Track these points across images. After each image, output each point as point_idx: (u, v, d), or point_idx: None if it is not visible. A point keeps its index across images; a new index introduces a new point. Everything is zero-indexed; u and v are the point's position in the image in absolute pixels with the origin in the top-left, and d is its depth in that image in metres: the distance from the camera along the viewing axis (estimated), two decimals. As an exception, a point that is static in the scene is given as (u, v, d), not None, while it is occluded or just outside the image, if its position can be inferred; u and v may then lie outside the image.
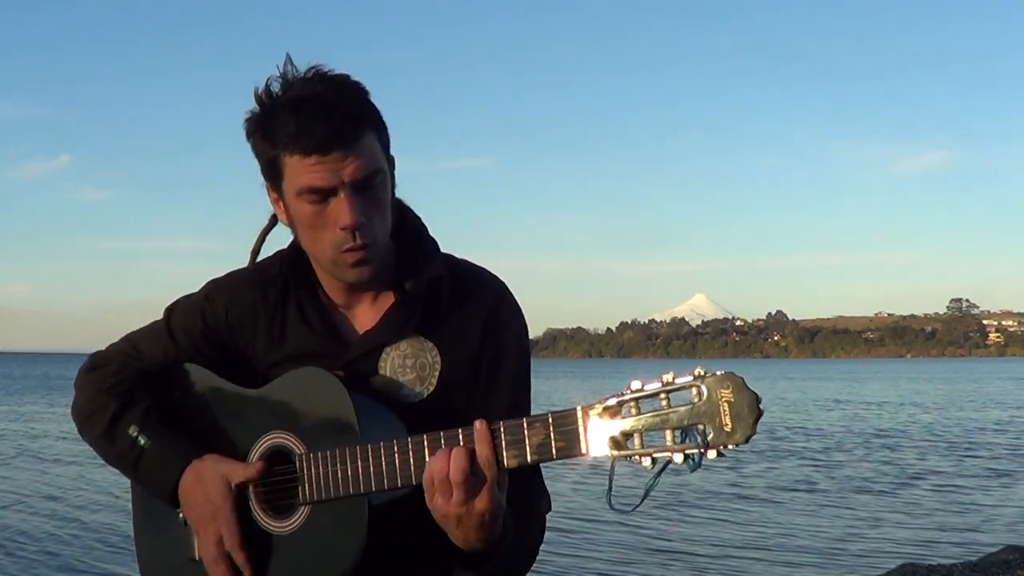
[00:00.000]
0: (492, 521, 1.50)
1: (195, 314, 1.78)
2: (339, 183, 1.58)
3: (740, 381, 1.34)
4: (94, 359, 1.83)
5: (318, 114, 1.56)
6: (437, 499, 1.49)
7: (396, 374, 1.69)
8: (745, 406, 1.33)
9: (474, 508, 1.48)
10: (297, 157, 1.58)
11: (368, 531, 1.57)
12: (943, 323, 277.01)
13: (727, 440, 1.33)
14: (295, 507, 1.65)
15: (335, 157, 1.57)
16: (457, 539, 1.53)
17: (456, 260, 1.78)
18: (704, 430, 1.34)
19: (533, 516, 1.70)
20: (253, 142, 1.66)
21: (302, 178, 1.59)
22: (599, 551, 9.08)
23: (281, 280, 1.75)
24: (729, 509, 11.61)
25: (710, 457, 1.34)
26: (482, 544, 1.53)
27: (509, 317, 1.75)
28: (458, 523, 1.50)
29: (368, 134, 1.60)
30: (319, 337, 1.71)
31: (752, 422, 1.33)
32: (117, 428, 1.73)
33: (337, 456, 1.59)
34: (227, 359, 1.77)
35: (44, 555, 9.02)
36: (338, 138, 1.56)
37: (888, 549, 9.23)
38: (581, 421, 1.42)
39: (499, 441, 1.48)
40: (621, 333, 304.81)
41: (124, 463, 1.75)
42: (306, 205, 1.61)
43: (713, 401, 1.35)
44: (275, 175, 1.64)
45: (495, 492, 1.49)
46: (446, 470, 1.48)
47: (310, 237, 1.65)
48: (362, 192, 1.60)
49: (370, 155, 1.60)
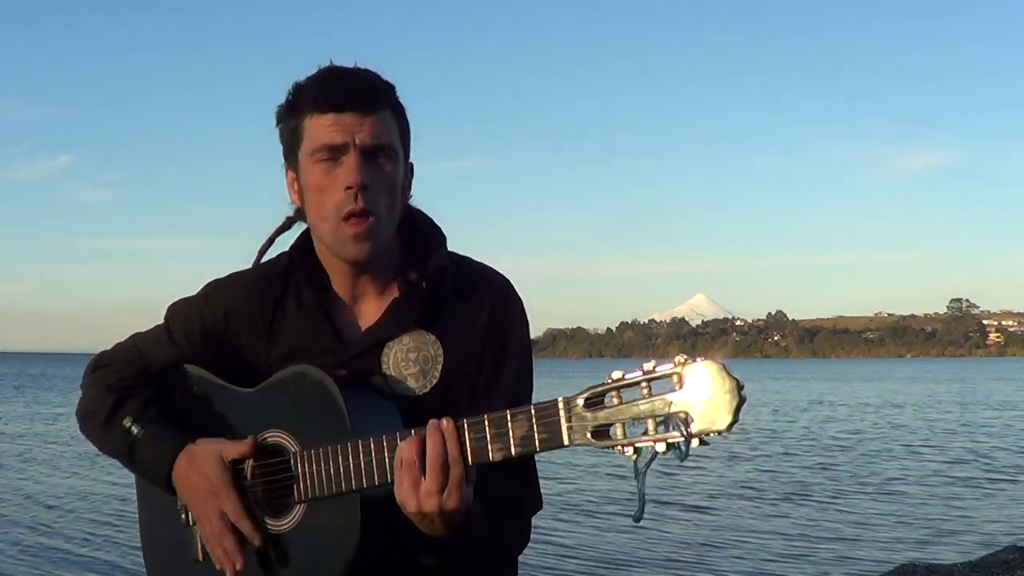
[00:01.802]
0: (458, 516, 1.51)
1: (193, 317, 1.81)
2: (350, 142, 1.64)
3: (722, 367, 1.32)
4: (99, 359, 1.86)
5: (340, 80, 1.68)
6: (404, 485, 1.50)
7: (399, 368, 1.71)
8: (726, 392, 1.31)
9: (446, 506, 1.49)
10: (316, 116, 1.66)
11: (362, 528, 1.58)
12: (943, 323, 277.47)
13: (709, 427, 1.31)
14: (291, 506, 1.66)
15: (350, 118, 1.64)
16: (425, 529, 1.54)
17: (461, 256, 1.81)
18: (686, 418, 1.33)
19: (514, 510, 1.70)
20: (280, 122, 1.73)
21: (317, 136, 1.66)
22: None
23: (284, 276, 1.78)
24: (730, 508, 11.62)
25: (694, 446, 1.32)
26: (447, 532, 1.53)
27: (513, 313, 1.78)
28: (424, 517, 1.51)
29: (386, 112, 1.68)
30: (321, 332, 1.73)
31: (734, 408, 1.31)
32: (114, 420, 1.77)
33: (328, 453, 1.60)
34: (227, 360, 1.80)
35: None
36: (355, 99, 1.65)
37: (888, 549, 9.23)
38: (563, 412, 1.41)
39: (479, 435, 1.48)
40: (621, 333, 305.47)
41: (120, 454, 1.79)
42: (317, 166, 1.66)
43: (694, 388, 1.33)
44: (295, 144, 1.70)
45: (464, 490, 1.49)
46: (412, 454, 1.49)
47: (317, 203, 1.68)
48: (371, 160, 1.65)
49: (384, 128, 1.67)
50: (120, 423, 1.76)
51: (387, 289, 1.75)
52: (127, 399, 1.78)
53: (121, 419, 1.76)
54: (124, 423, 1.76)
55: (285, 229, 1.83)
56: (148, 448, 1.74)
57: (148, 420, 1.75)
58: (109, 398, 1.78)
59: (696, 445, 1.33)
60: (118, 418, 1.76)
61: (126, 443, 1.76)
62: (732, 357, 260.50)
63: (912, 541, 9.71)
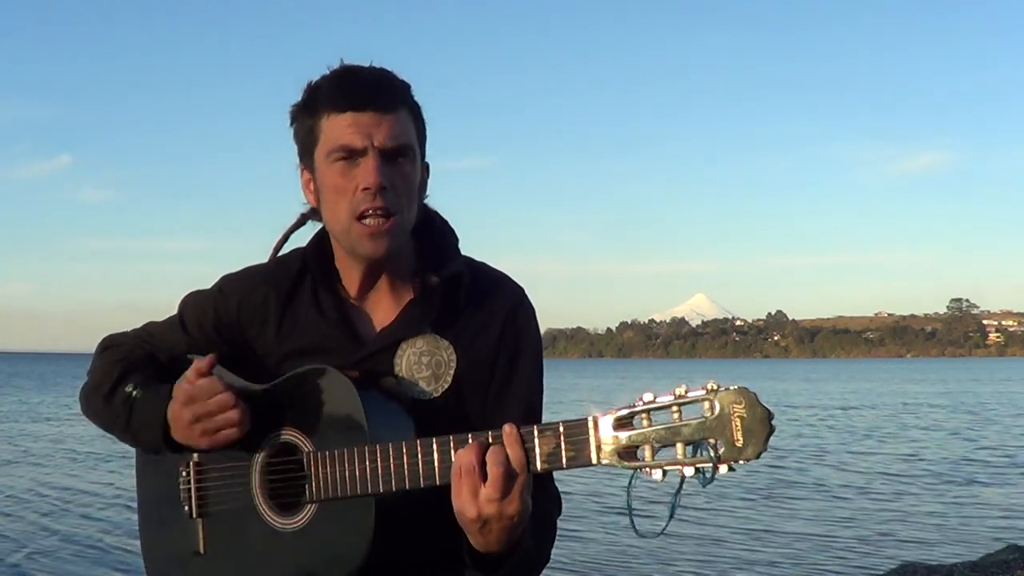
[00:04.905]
0: (519, 525, 1.49)
1: (208, 307, 1.80)
2: (369, 144, 1.62)
3: (753, 397, 1.34)
4: (108, 339, 1.86)
5: (358, 79, 1.66)
6: (464, 493, 1.47)
7: (411, 371, 1.70)
8: (757, 422, 1.34)
9: (505, 510, 1.46)
10: (333, 115, 1.64)
11: (375, 532, 1.56)
12: (943, 323, 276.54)
13: (738, 455, 1.34)
14: (301, 505, 1.65)
15: (368, 118, 1.62)
16: (476, 541, 1.51)
17: (477, 262, 1.80)
18: (715, 444, 1.35)
19: (547, 521, 1.69)
20: (296, 122, 1.71)
21: (335, 136, 1.64)
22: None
23: (298, 272, 1.77)
24: (730, 509, 11.61)
25: (721, 472, 1.35)
26: (500, 547, 1.51)
27: (526, 322, 1.77)
28: (483, 525, 1.48)
29: (403, 111, 1.67)
30: (333, 331, 1.73)
31: (764, 438, 1.33)
32: (116, 391, 1.76)
33: (345, 456, 1.59)
34: (238, 353, 1.78)
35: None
36: (373, 99, 1.63)
37: (888, 549, 9.24)
38: (592, 431, 1.42)
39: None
40: (621, 333, 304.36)
41: (120, 420, 1.75)
42: (334, 167, 1.65)
43: (725, 416, 1.35)
44: (311, 144, 1.68)
45: (526, 496, 1.47)
46: (472, 460, 1.45)
47: (333, 203, 1.66)
48: (390, 161, 1.64)
49: (402, 128, 1.65)
50: (122, 390, 1.75)
51: (401, 291, 1.74)
52: (131, 372, 1.77)
53: (123, 387, 1.75)
54: (126, 390, 1.75)
55: (299, 226, 1.82)
56: (144, 404, 1.72)
57: (149, 384, 1.74)
58: (114, 371, 1.77)
59: (724, 472, 1.35)
60: (120, 387, 1.75)
61: (126, 407, 1.74)
62: (732, 357, 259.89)
63: (912, 541, 9.70)
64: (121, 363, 1.78)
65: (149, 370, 1.78)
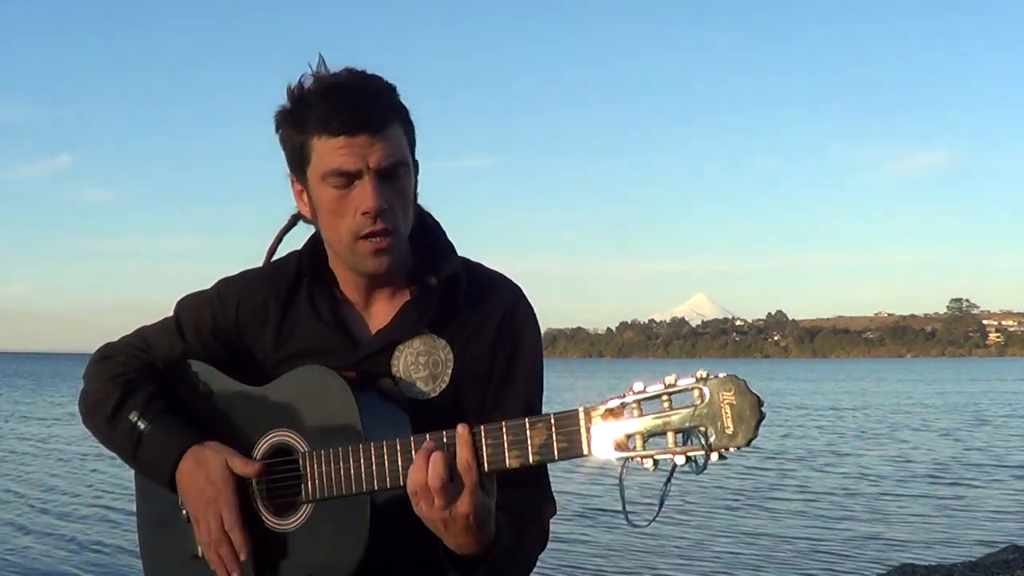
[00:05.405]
0: (479, 524, 1.50)
1: (204, 311, 1.80)
2: (364, 168, 1.60)
3: (742, 384, 1.34)
4: (103, 350, 1.85)
5: (347, 99, 1.61)
6: (421, 506, 1.50)
7: (409, 371, 1.70)
8: (747, 408, 1.33)
9: (456, 512, 1.48)
10: (325, 139, 1.61)
11: (370, 530, 1.57)
12: (943, 323, 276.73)
13: (729, 443, 1.33)
14: (297, 505, 1.65)
15: (362, 140, 1.60)
16: (448, 542, 1.53)
17: (473, 263, 1.80)
18: (706, 432, 1.34)
19: (535, 520, 1.70)
20: (282, 132, 1.69)
21: (328, 160, 1.61)
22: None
23: (295, 276, 1.76)
24: (730, 509, 11.61)
25: (713, 460, 1.34)
26: (474, 547, 1.52)
27: (524, 320, 1.77)
28: (445, 527, 1.50)
29: (395, 125, 1.64)
30: (331, 333, 1.72)
31: (754, 425, 1.32)
32: (119, 415, 1.75)
33: (339, 455, 1.60)
34: (235, 356, 1.79)
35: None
36: (366, 122, 1.60)
37: (888, 549, 9.25)
38: (583, 422, 1.42)
39: (496, 442, 1.47)
40: (621, 333, 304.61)
41: (125, 450, 1.76)
42: (330, 190, 1.63)
43: (715, 403, 1.35)
44: (302, 161, 1.66)
45: (477, 496, 1.48)
46: (424, 478, 1.48)
47: (331, 224, 1.66)
48: (386, 180, 1.62)
49: (396, 145, 1.63)
50: (126, 418, 1.74)
51: (398, 292, 1.74)
52: (132, 393, 1.75)
53: (127, 414, 1.74)
54: (130, 418, 1.73)
55: (291, 226, 1.82)
56: (153, 445, 1.72)
57: (155, 415, 1.73)
58: (115, 391, 1.76)
59: (715, 460, 1.34)
60: (124, 412, 1.74)
61: (131, 438, 1.73)
62: (732, 357, 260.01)
63: (912, 541, 9.71)
64: (120, 382, 1.77)
65: (150, 386, 1.77)
